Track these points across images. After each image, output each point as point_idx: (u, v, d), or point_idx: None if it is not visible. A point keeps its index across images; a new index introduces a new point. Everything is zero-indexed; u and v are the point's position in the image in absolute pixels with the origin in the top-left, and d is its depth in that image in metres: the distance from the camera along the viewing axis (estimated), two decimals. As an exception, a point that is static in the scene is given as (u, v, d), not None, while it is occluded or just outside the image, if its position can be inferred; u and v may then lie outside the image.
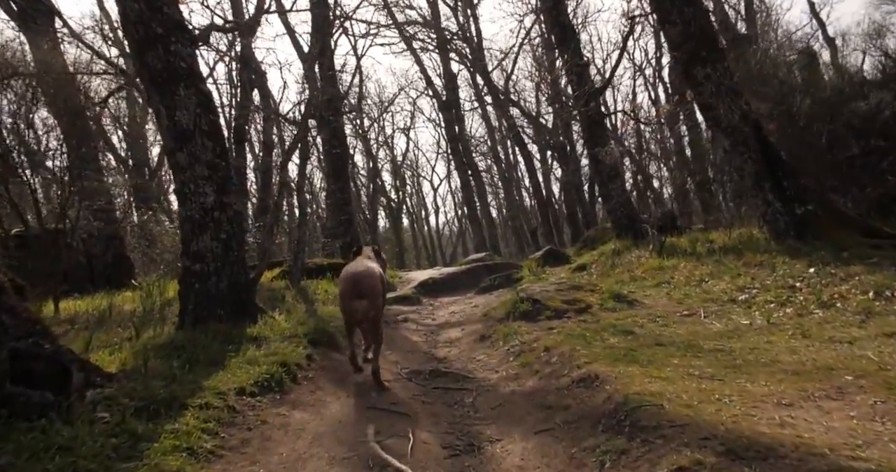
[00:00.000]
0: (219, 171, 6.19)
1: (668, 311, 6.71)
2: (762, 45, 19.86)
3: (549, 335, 6.07)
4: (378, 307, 5.07)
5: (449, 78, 21.44)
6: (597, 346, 5.39)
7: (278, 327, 6.35)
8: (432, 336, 8.11)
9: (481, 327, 7.56)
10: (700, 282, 7.77)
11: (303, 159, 10.07)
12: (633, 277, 9.08)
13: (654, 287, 8.17)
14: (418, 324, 9.15)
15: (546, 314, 6.93)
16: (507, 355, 5.98)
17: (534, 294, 7.32)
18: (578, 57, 11.94)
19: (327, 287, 10.44)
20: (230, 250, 6.27)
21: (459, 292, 12.27)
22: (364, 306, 4.93)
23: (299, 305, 8.98)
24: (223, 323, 6.02)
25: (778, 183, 8.23)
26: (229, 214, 6.28)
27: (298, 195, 10.26)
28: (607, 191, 11.96)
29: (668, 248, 10.30)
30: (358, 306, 4.93)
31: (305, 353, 5.66)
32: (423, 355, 6.81)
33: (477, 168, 22.84)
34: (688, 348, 4.91)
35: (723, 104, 8.50)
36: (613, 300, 7.17)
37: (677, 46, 8.72)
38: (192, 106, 5.95)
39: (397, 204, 34.53)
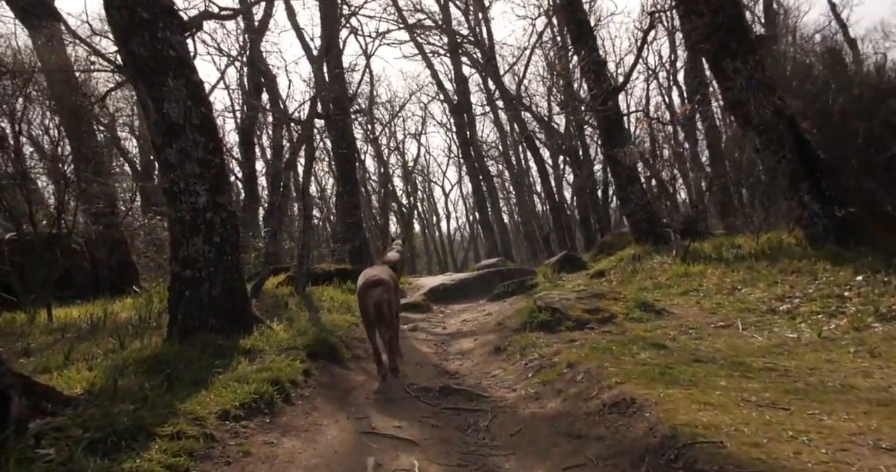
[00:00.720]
0: (211, 168, 5.65)
1: (701, 322, 6.06)
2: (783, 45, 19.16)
3: (571, 349, 5.45)
4: (394, 306, 5.54)
5: (460, 81, 20.92)
6: (626, 362, 4.77)
7: (275, 338, 5.78)
8: (443, 347, 7.51)
9: (495, 338, 6.94)
10: (732, 290, 7.11)
11: (308, 160, 9.55)
12: (657, 284, 8.42)
13: (681, 295, 7.51)
14: (428, 333, 8.55)
15: (566, 325, 6.31)
16: (525, 370, 5.36)
17: (552, 303, 6.70)
18: (595, 54, 11.34)
19: (333, 294, 9.88)
20: (224, 255, 5.71)
21: (471, 298, 11.67)
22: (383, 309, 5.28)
23: (303, 313, 8.41)
24: (216, 334, 5.46)
25: (815, 183, 7.57)
26: (223, 215, 5.73)
27: (303, 197, 9.72)
28: (626, 194, 11.31)
29: (691, 253, 9.63)
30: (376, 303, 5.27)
31: (302, 368, 5.08)
32: (432, 368, 6.21)
33: (489, 173, 22.25)
34: (733, 366, 4.28)
35: (754, 99, 7.85)
36: (639, 310, 6.53)
37: (705, 38, 8.09)
38: (182, 98, 5.42)
39: (409, 210, 33.99)
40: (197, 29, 7.23)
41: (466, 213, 40.63)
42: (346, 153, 12.36)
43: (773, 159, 7.87)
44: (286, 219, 13.95)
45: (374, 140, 29.56)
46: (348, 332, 7.51)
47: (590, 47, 11.35)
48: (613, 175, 11.95)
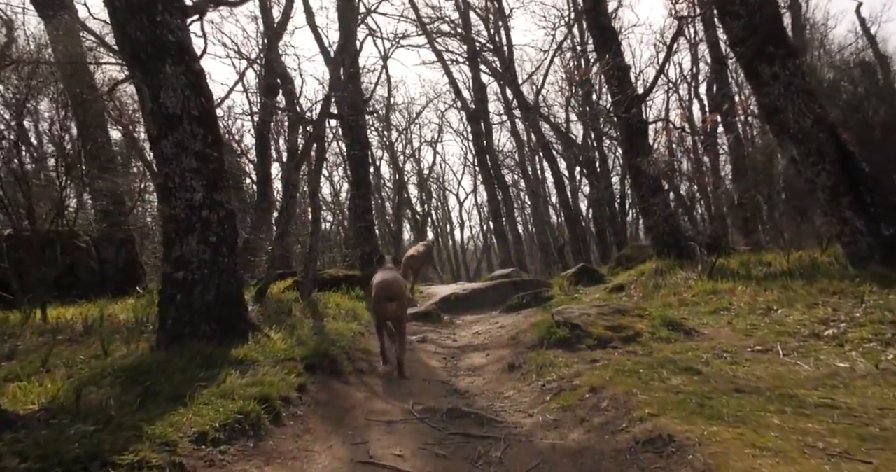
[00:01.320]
0: (210, 163, 5.21)
1: (735, 345, 5.49)
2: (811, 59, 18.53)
3: (593, 370, 4.91)
4: (404, 308, 6.02)
5: (478, 88, 20.47)
6: (657, 388, 4.22)
7: (272, 347, 5.30)
8: (453, 361, 6.99)
9: (509, 354, 6.41)
10: (767, 310, 6.52)
11: (318, 160, 9.11)
12: (683, 301, 7.84)
13: (710, 314, 6.93)
14: (438, 346, 8.03)
15: (587, 343, 5.76)
16: (541, 392, 4.82)
17: (572, 318, 6.16)
18: (619, 59, 10.83)
19: (340, 301, 9.41)
20: (220, 256, 5.26)
21: (484, 309, 11.14)
22: (394, 307, 5.81)
23: (306, 320, 7.95)
24: (207, 342, 5.00)
25: (859, 198, 6.98)
26: (221, 214, 5.28)
27: (312, 199, 9.28)
28: (648, 205, 10.74)
29: (717, 269, 9.04)
30: (389, 307, 5.80)
31: (297, 382, 4.59)
32: (440, 385, 5.68)
33: (504, 182, 21.75)
34: (783, 399, 3.71)
35: (793, 107, 7.29)
36: (667, 328, 5.97)
37: (740, 41, 7.55)
38: (181, 87, 5.00)
39: (422, 217, 33.57)
40: (201, 15, 6.85)
41: (480, 222, 40.16)
42: (360, 156, 11.93)
43: (812, 171, 7.29)
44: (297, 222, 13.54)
45: (390, 146, 29.22)
46: (352, 342, 7.03)
47: (614, 52, 10.84)
48: (635, 186, 11.39)
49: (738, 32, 7.59)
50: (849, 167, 7.10)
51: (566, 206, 22.06)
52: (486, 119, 20.97)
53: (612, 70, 10.51)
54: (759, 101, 7.67)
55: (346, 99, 10.19)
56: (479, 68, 21.03)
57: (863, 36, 23.23)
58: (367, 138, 12.61)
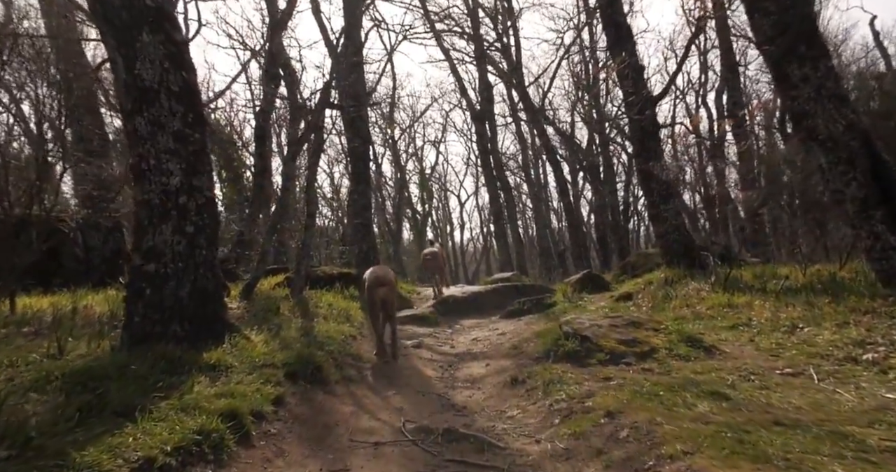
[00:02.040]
0: (189, 144, 4.65)
1: (762, 366, 4.92)
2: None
3: (607, 390, 4.35)
4: (394, 295, 6.64)
5: (484, 87, 19.91)
6: (683, 416, 3.66)
7: (251, 351, 4.74)
8: (450, 371, 6.42)
9: (511, 366, 5.85)
10: (792, 328, 5.96)
11: (316, 151, 8.56)
12: (697, 314, 7.27)
13: (729, 330, 6.36)
14: (434, 352, 7.48)
15: (598, 357, 5.20)
16: (549, 413, 4.25)
17: (582, 329, 5.59)
18: (634, 59, 10.27)
19: (333, 300, 8.84)
20: (197, 248, 4.69)
21: (483, 314, 10.58)
22: (384, 291, 6.34)
23: (295, 319, 7.39)
24: (178, 343, 4.43)
25: (893, 212, 6.42)
26: (200, 201, 4.72)
27: (307, 192, 8.71)
28: (658, 212, 10.17)
29: (730, 282, 8.48)
30: (380, 291, 6.31)
31: (275, 394, 4.02)
32: (436, 399, 5.12)
33: (507, 183, 21.18)
34: (835, 438, 3.15)
35: (823, 111, 6.73)
36: (685, 344, 5.41)
37: (769, 40, 6.99)
38: (159, 58, 4.44)
39: (422, 217, 32.99)
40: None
41: (481, 224, 39.61)
42: (361, 150, 11.35)
43: (841, 181, 6.72)
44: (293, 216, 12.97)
45: (392, 144, 28.66)
46: (342, 346, 6.47)
47: (629, 52, 10.30)
48: (645, 191, 10.83)
49: (768, 30, 7.03)
50: (882, 177, 6.54)
51: (569, 211, 21.50)
52: (492, 120, 20.42)
53: (627, 69, 9.95)
54: (787, 104, 7.12)
55: (348, 89, 9.64)
56: (486, 67, 20.48)
57: (875, 48, 22.71)
58: (369, 132, 12.04)
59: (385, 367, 6.26)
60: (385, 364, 6.32)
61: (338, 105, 9.32)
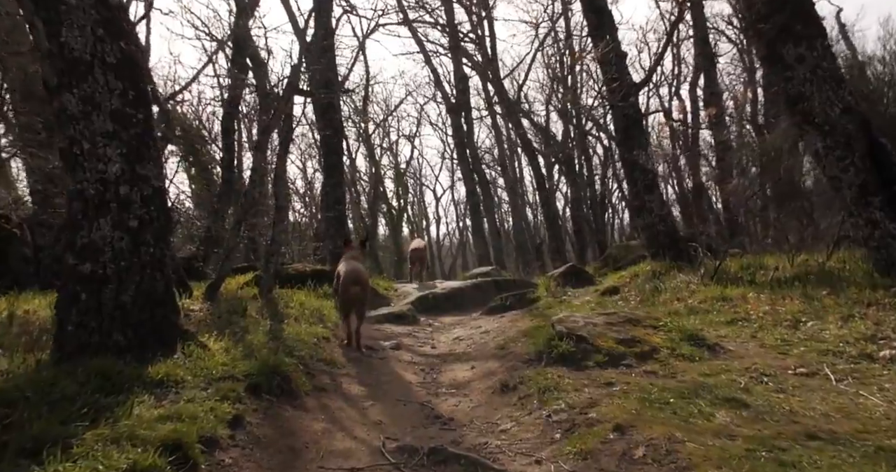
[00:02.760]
0: (131, 126, 3.99)
1: (772, 365, 4.49)
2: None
3: (611, 398, 3.86)
4: (367, 293, 6.61)
5: (460, 78, 19.33)
6: (703, 429, 3.18)
7: (207, 362, 4.12)
8: (432, 375, 5.88)
9: (500, 369, 5.33)
10: (795, 323, 5.56)
11: (284, 141, 7.89)
12: (691, 308, 6.85)
13: (728, 325, 5.95)
14: (414, 353, 6.92)
15: (596, 359, 4.71)
16: (548, 426, 3.73)
17: (576, 329, 5.09)
18: (616, 43, 9.82)
19: (305, 299, 8.18)
20: (143, 245, 4.05)
21: (464, 310, 10.05)
22: (357, 290, 6.37)
23: (263, 321, 6.74)
24: (119, 356, 3.78)
25: (892, 197, 6.07)
26: (145, 191, 4.07)
27: (275, 184, 8.06)
28: (642, 203, 9.76)
29: (718, 274, 8.11)
30: (353, 290, 6.34)
31: (232, 413, 3.42)
32: (418, 410, 4.57)
33: (484, 177, 20.67)
34: (886, 455, 2.69)
35: (819, 94, 6.35)
36: (687, 343, 4.95)
37: (763, 18, 6.59)
38: (90, 24, 3.77)
39: (398, 212, 32.30)
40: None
41: (457, 218, 39.06)
42: (333, 140, 10.69)
43: (839, 167, 6.36)
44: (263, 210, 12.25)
45: (366, 138, 27.90)
46: (314, 350, 5.86)
47: (611, 37, 9.84)
48: (630, 182, 10.42)
49: (761, 8, 6.63)
50: (880, 163, 6.20)
51: (546, 204, 21.09)
52: (468, 112, 19.88)
53: (611, 54, 9.49)
54: (780, 87, 6.71)
55: (318, 75, 8.98)
56: (461, 58, 19.89)
57: (841, 41, 22.75)
58: (342, 122, 11.39)
59: (361, 372, 5.69)
60: (361, 368, 5.77)
61: (307, 91, 8.67)
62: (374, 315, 9.22)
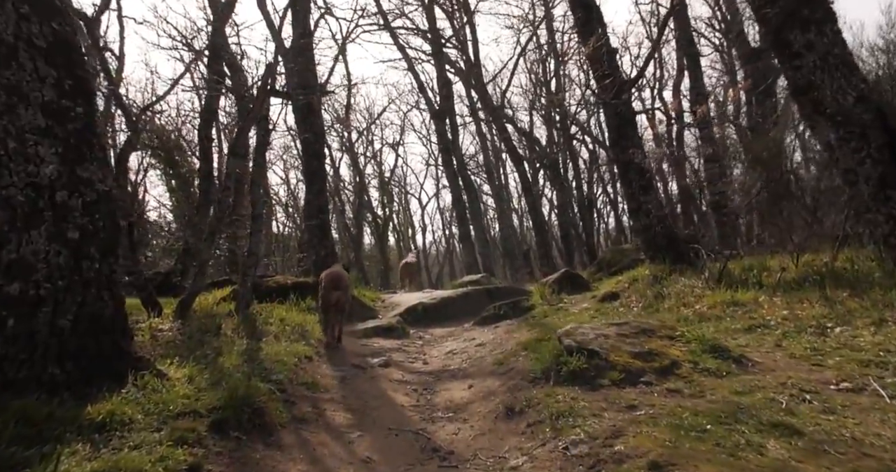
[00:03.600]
0: (68, 121, 3.36)
1: (808, 379, 3.94)
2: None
3: (637, 425, 3.27)
4: (347, 297, 7.03)
5: (443, 83, 18.83)
6: (756, 466, 2.62)
7: (165, 396, 3.46)
8: (425, 395, 5.27)
9: (501, 388, 4.73)
10: (821, 329, 5.04)
11: (260, 145, 7.26)
12: (700, 314, 6.32)
13: (746, 333, 5.41)
14: (405, 370, 6.30)
15: (611, 377, 4.12)
16: (567, 463, 3.13)
17: (587, 343, 4.51)
18: (606, 39, 9.35)
19: (286, 315, 7.52)
20: (85, 260, 3.41)
21: (455, 321, 9.45)
22: (338, 295, 6.78)
23: (239, 341, 6.09)
24: (55, 393, 3.12)
25: (914, 191, 5.61)
26: (89, 197, 3.44)
27: (251, 192, 7.41)
28: (638, 205, 9.26)
29: (723, 277, 7.60)
30: (334, 295, 6.77)
31: (188, 461, 2.78)
32: (412, 440, 3.95)
33: (470, 182, 20.12)
34: None
35: (831, 81, 5.89)
36: (710, 356, 4.39)
37: (770, 2, 6.13)
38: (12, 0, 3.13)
39: (383, 221, 31.63)
40: None
41: (443, 226, 38.45)
42: (314, 145, 10.05)
43: (854, 159, 5.89)
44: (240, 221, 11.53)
45: (350, 147, 27.27)
46: (295, 372, 5.22)
47: (601, 32, 9.37)
48: (624, 183, 9.92)
49: (767, -7, 6.16)
50: (901, 154, 5.73)
51: (534, 209, 20.60)
52: (452, 117, 19.34)
53: (602, 49, 9.01)
54: (788, 76, 6.24)
55: (295, 76, 8.37)
56: (444, 63, 19.39)
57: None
58: (323, 126, 10.76)
59: (348, 395, 5.07)
60: (347, 391, 5.15)
61: (284, 93, 8.05)
62: (360, 329, 8.59)
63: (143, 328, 6.15)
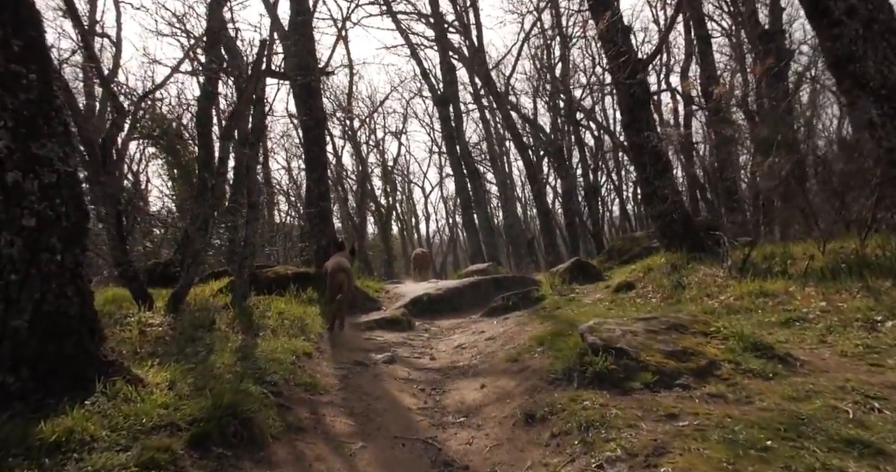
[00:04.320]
0: (19, 90, 2.85)
1: (870, 382, 3.44)
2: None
3: (682, 439, 2.79)
4: (350, 281, 7.26)
5: (447, 69, 18.19)
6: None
7: (138, 405, 2.98)
8: (434, 396, 4.79)
9: (517, 389, 4.25)
10: (869, 323, 4.53)
11: (256, 128, 6.74)
12: (727, 306, 5.81)
13: (783, 327, 4.90)
14: (411, 367, 5.83)
15: (643, 379, 3.63)
16: (604, 485, 2.64)
17: (613, 339, 4.01)
18: (620, 17, 8.75)
19: (285, 307, 7.05)
20: (45, 252, 2.92)
21: (462, 312, 8.98)
22: (342, 277, 6.92)
23: (233, 336, 5.63)
24: (8, 404, 2.64)
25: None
26: (46, 179, 2.94)
27: (246, 178, 6.90)
28: (653, 190, 8.72)
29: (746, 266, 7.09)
30: (339, 276, 6.92)
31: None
32: (421, 451, 3.48)
33: (475, 169, 19.52)
34: None
35: (874, 52, 5.34)
36: (752, 354, 3.89)
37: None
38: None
39: (387, 210, 31.09)
40: None
41: (447, 215, 37.93)
42: (314, 130, 9.51)
43: (898, 137, 5.34)
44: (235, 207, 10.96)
45: (352, 135, 26.67)
46: (293, 372, 4.75)
47: (613, 10, 8.78)
48: (638, 167, 9.37)
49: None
50: (950, 131, 5.19)
51: (539, 197, 20.03)
52: (456, 103, 18.72)
53: (615, 27, 8.42)
54: (826, 47, 5.68)
55: (294, 55, 7.80)
56: (447, 47, 18.73)
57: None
58: (324, 111, 10.22)
59: (349, 397, 4.59)
60: (349, 392, 4.68)
61: (281, 73, 7.51)
62: (364, 321, 8.12)
63: (132, 323, 5.69)
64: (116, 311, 6.35)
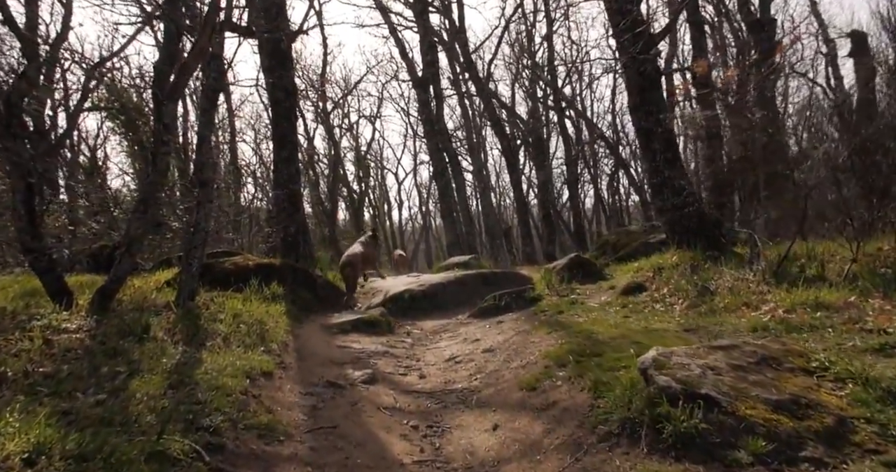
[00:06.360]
0: None
1: None
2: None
3: None
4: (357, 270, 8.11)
5: (428, 48, 16.70)
6: None
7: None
8: (431, 438, 3.54)
9: (546, 440, 3.05)
10: None
11: (210, 91, 5.28)
12: (782, 321, 4.65)
13: (878, 355, 3.74)
14: (396, 389, 4.55)
15: (752, 446, 2.42)
16: None
17: (693, 381, 2.78)
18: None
19: (242, 307, 5.63)
20: None
21: (447, 312, 7.70)
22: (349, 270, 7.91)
23: (171, 348, 4.25)
24: None
25: None
26: None
27: (198, 152, 5.44)
28: (662, 180, 7.58)
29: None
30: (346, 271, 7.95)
31: None
32: None
33: (455, 155, 18.16)
34: None
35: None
36: (891, 406, 2.72)
37: None
38: None
39: (359, 196, 29.43)
40: None
41: (420, 202, 36.41)
42: (285, 105, 8.00)
43: None
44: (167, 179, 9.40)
45: (325, 118, 24.89)
46: (244, 405, 3.40)
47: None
48: (645, 154, 8.21)
49: None
50: None
51: (517, 186, 18.84)
52: (437, 84, 17.28)
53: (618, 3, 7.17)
54: None
55: (261, 7, 6.30)
56: (428, 26, 17.21)
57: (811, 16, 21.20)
58: (294, 81, 8.66)
59: (319, 444, 3.29)
60: (319, 435, 3.37)
61: (243, 27, 6.03)
62: (337, 323, 6.76)
63: (36, 328, 4.24)
64: (24, 309, 4.84)
